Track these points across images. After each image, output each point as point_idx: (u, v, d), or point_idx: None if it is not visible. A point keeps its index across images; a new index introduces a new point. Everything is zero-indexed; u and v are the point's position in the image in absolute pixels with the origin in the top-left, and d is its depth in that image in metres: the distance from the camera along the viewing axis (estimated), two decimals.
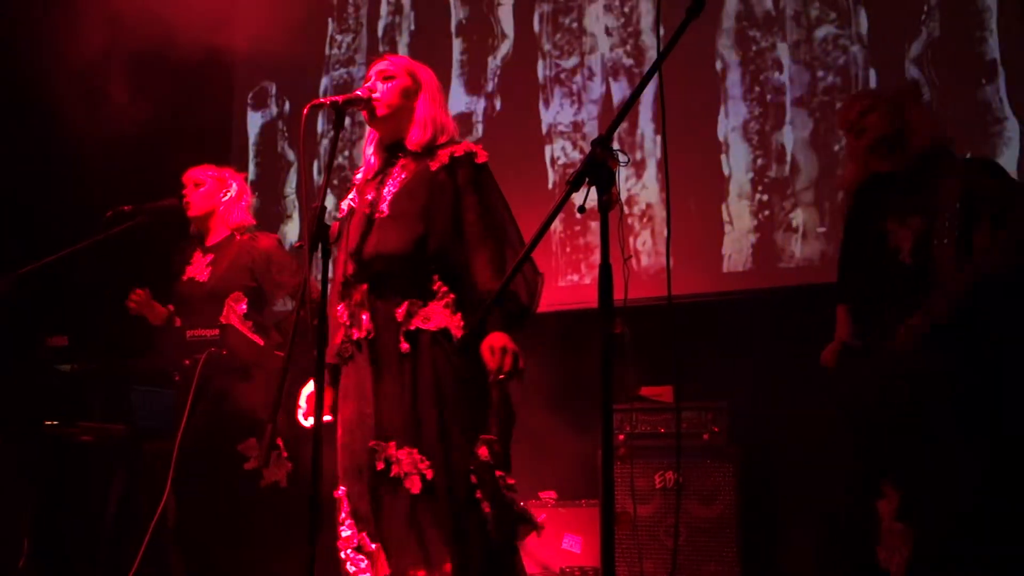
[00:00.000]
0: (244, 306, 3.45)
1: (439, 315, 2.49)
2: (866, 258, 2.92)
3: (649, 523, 3.74)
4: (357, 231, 2.58)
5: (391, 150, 2.68)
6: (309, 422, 2.61)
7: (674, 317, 2.39)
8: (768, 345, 4.01)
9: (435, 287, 2.51)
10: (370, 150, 2.71)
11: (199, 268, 3.54)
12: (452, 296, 2.51)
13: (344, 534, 2.51)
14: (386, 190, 2.59)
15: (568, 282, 4.62)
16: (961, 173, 2.77)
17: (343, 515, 2.52)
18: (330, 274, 2.53)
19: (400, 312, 2.49)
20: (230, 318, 3.39)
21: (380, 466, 2.43)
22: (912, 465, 2.64)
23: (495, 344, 2.36)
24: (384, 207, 2.55)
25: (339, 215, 2.68)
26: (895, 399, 2.70)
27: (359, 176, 2.72)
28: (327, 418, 2.60)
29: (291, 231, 5.37)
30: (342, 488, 2.53)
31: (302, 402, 2.64)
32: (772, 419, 3.97)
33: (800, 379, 3.73)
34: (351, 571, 2.49)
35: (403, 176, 2.60)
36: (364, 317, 2.51)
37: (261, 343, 3.39)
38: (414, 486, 2.39)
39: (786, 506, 3.96)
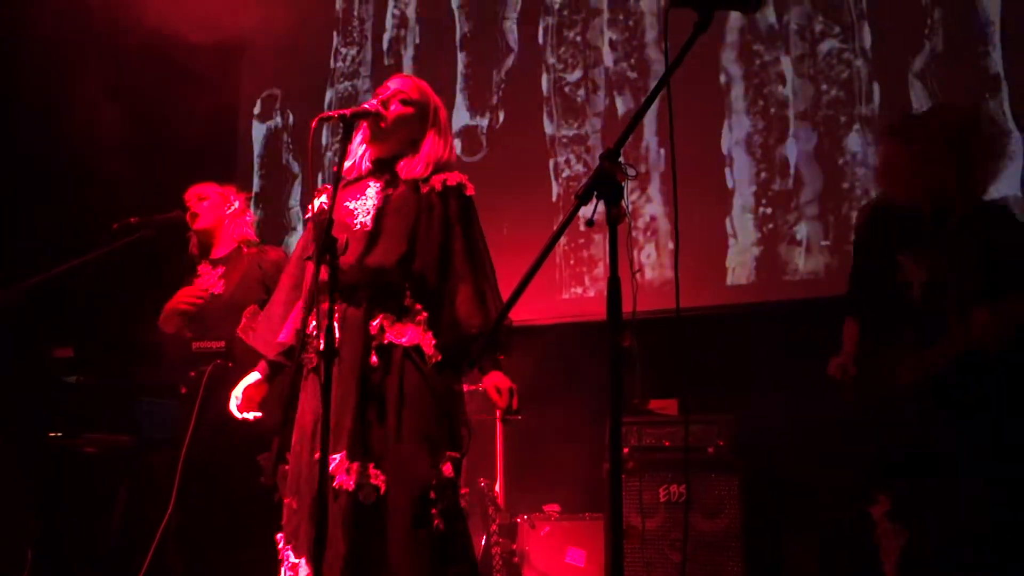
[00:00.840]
0: None
1: (412, 332, 2.51)
2: (874, 284, 2.89)
3: (654, 537, 3.72)
4: (340, 238, 2.52)
5: (382, 164, 2.68)
6: (242, 416, 2.64)
7: (682, 330, 2.39)
8: (772, 358, 4.00)
9: (407, 303, 2.53)
10: (361, 150, 2.69)
11: (211, 280, 3.55)
12: (425, 315, 2.54)
13: (280, 544, 2.51)
14: (367, 202, 2.60)
15: (571, 295, 4.63)
16: (983, 220, 2.73)
17: (283, 523, 2.52)
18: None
19: (373, 326, 2.50)
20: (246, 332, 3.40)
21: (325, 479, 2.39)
22: (909, 471, 2.70)
23: (500, 385, 2.47)
24: (368, 220, 2.56)
25: (307, 213, 2.67)
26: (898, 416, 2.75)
27: (345, 168, 2.68)
28: (256, 415, 2.64)
29: (295, 244, 5.37)
30: (287, 499, 2.52)
31: (238, 394, 2.64)
32: (777, 432, 3.96)
33: (805, 392, 3.73)
34: None
35: (389, 193, 2.61)
36: (335, 325, 2.44)
37: None
38: (368, 499, 2.38)
39: (791, 520, 3.95)
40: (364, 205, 2.60)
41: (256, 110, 5.67)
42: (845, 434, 2.92)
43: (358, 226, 2.56)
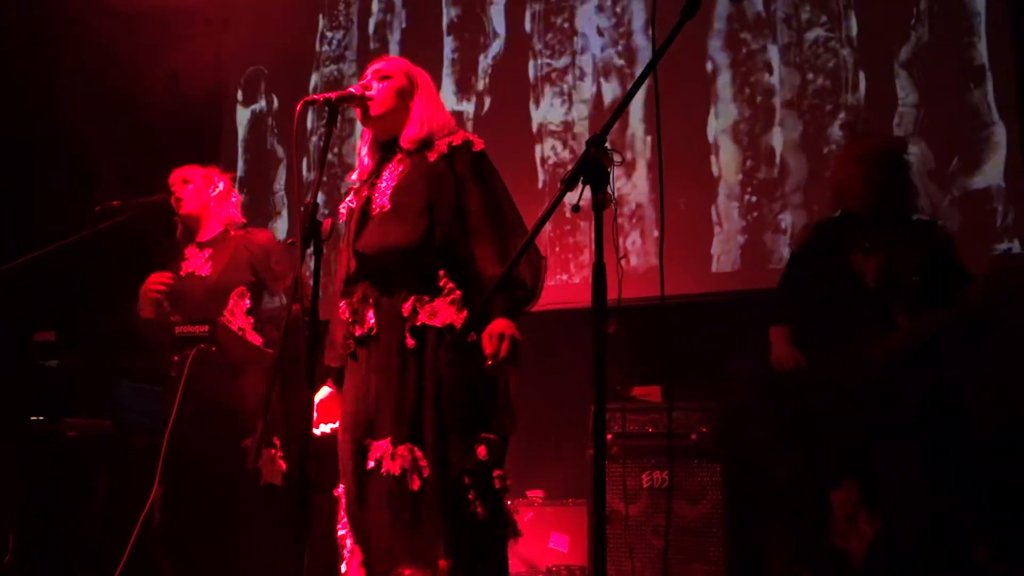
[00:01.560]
0: (248, 301, 3.45)
1: (445, 311, 2.47)
2: (828, 282, 3.20)
3: (636, 522, 3.74)
4: (359, 227, 2.56)
5: (386, 148, 2.67)
6: (320, 430, 2.60)
7: (666, 317, 2.40)
8: (755, 346, 4.02)
9: (441, 283, 2.49)
10: (364, 150, 2.71)
11: (198, 263, 3.53)
12: (458, 293, 2.49)
13: (340, 532, 2.51)
14: (384, 184, 2.57)
15: (557, 281, 4.63)
16: (918, 228, 3.19)
17: (341, 513, 2.51)
18: (332, 271, 2.50)
19: (406, 308, 2.47)
20: (235, 313, 3.39)
21: (370, 464, 2.42)
22: (878, 456, 2.86)
23: (494, 330, 2.35)
24: (385, 201, 2.54)
25: (340, 219, 2.64)
26: (862, 397, 2.98)
27: (354, 177, 2.71)
28: (333, 425, 2.59)
29: (280, 228, 5.35)
30: (341, 486, 2.52)
31: (314, 411, 2.59)
32: (760, 419, 3.98)
33: (788, 380, 3.75)
34: (342, 570, 2.49)
35: (400, 170, 2.58)
36: (368, 314, 2.49)
37: (259, 341, 3.40)
38: (413, 483, 2.36)
39: (773, 506, 3.97)
40: (379, 187, 2.58)
41: (240, 94, 5.63)
42: (790, 424, 3.04)
43: (377, 209, 2.54)
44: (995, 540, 2.89)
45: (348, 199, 2.69)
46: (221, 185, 3.67)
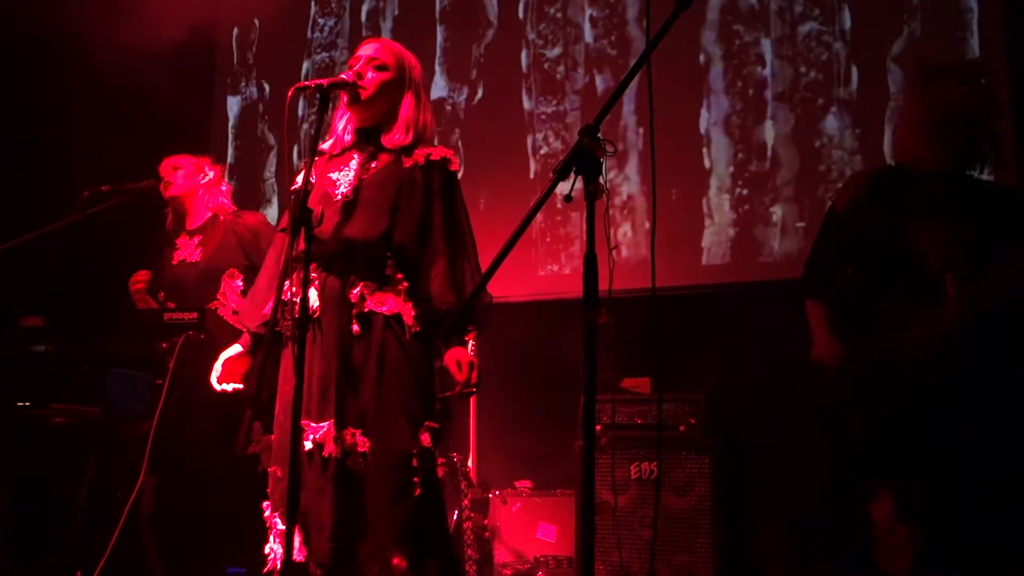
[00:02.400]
0: (240, 282, 3.46)
1: (393, 301, 2.51)
2: (881, 256, 2.69)
3: (624, 513, 3.75)
4: (317, 209, 2.51)
5: (364, 134, 2.66)
6: (221, 387, 2.65)
7: (657, 309, 2.39)
8: (745, 338, 4.03)
9: (388, 272, 2.53)
10: (341, 124, 2.68)
11: (188, 250, 3.56)
12: (406, 284, 2.54)
13: (266, 513, 2.52)
14: (350, 173, 2.58)
15: (547, 272, 4.63)
16: (995, 196, 2.69)
17: (268, 491, 2.53)
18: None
19: (354, 294, 2.49)
20: (227, 295, 3.39)
21: (307, 446, 2.43)
22: (916, 466, 2.55)
23: (461, 359, 2.44)
24: (349, 191, 2.55)
25: (293, 185, 2.63)
26: (898, 400, 2.60)
27: (326, 146, 2.69)
28: (236, 386, 2.66)
29: (271, 216, 5.33)
30: (272, 468, 2.53)
31: (218, 366, 2.65)
32: (748, 412, 4.00)
33: (777, 373, 3.76)
34: (266, 551, 2.49)
35: (372, 165, 2.59)
36: (311, 297, 2.48)
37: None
38: (356, 466, 2.40)
39: (761, 498, 3.99)
40: (346, 176, 2.58)
41: (231, 81, 5.60)
42: (826, 417, 2.78)
43: (339, 196, 2.55)
44: None
45: (304, 171, 2.60)
46: (211, 174, 3.68)
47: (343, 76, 2.55)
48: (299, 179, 2.59)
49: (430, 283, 2.53)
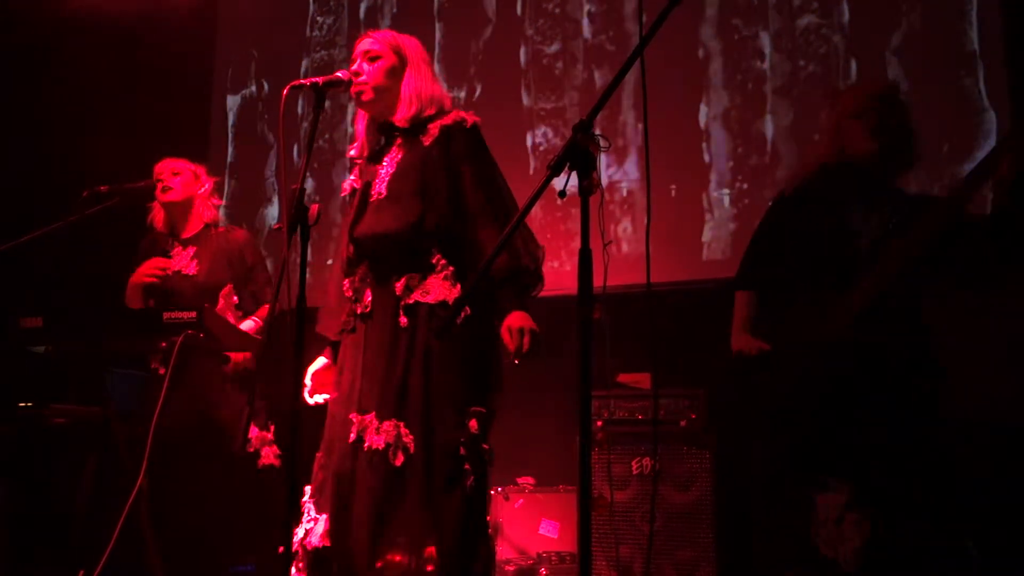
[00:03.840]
0: (236, 298, 3.52)
1: (438, 288, 2.51)
2: (817, 238, 2.82)
3: (625, 509, 3.75)
4: (358, 213, 2.61)
5: (385, 129, 2.69)
6: (314, 400, 2.65)
7: (653, 304, 2.39)
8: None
9: (434, 260, 2.53)
10: (360, 125, 2.72)
11: (183, 261, 3.61)
12: (451, 268, 2.53)
13: (304, 498, 2.53)
14: (383, 171, 2.61)
15: (547, 268, 4.61)
16: (924, 200, 2.82)
17: (313, 478, 2.54)
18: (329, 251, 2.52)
19: (399, 287, 2.51)
20: (225, 312, 3.42)
21: (352, 437, 2.44)
22: (862, 455, 2.59)
23: (513, 324, 2.39)
24: (383, 188, 2.58)
25: (343, 193, 2.73)
26: (835, 389, 2.67)
27: (353, 153, 2.74)
28: (327, 396, 2.64)
29: (271, 214, 5.33)
30: (319, 454, 2.55)
31: (307, 380, 2.66)
32: (749, 407, 3.98)
33: (757, 366, 3.75)
34: (299, 535, 2.48)
35: (399, 156, 2.61)
36: (367, 293, 2.55)
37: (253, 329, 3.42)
38: (397, 459, 2.39)
39: (762, 493, 3.98)
40: (379, 173, 2.62)
41: (230, 79, 5.59)
42: (766, 422, 2.84)
43: (375, 196, 2.59)
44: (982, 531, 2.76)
45: (351, 177, 2.73)
46: (207, 185, 3.71)
47: (339, 74, 2.56)
48: (346, 185, 2.72)
49: (482, 253, 2.49)
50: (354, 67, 2.62)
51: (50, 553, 3.39)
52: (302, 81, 2.46)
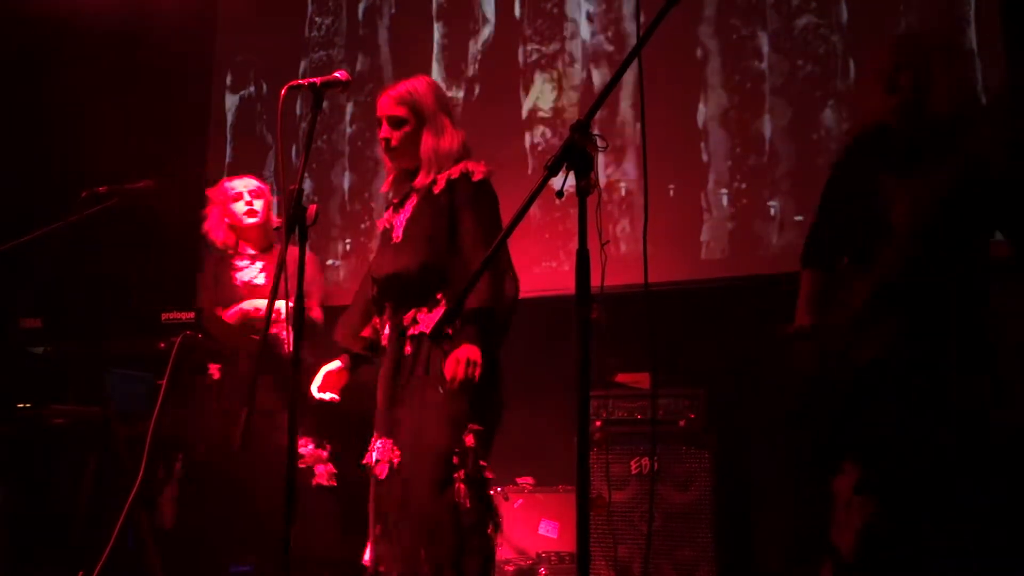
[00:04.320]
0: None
1: (437, 316, 2.69)
2: (854, 209, 2.69)
3: (625, 509, 3.75)
4: (379, 255, 2.89)
5: (406, 175, 2.92)
6: (322, 396, 2.84)
7: (651, 303, 2.39)
8: (745, 332, 4.02)
9: (438, 296, 2.75)
10: (392, 176, 2.97)
11: (253, 274, 3.74)
12: (447, 297, 2.74)
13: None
14: (402, 216, 2.85)
15: (546, 268, 4.62)
16: (977, 139, 2.56)
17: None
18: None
19: (406, 319, 2.75)
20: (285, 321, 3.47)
21: (375, 458, 2.71)
22: (872, 439, 2.54)
23: (459, 355, 2.57)
24: (400, 233, 2.83)
25: (380, 228, 2.97)
26: (850, 372, 2.58)
27: (388, 191, 3.00)
28: (333, 396, 2.85)
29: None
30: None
31: (320, 377, 2.86)
32: (748, 406, 3.99)
33: (777, 366, 3.75)
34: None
35: (415, 202, 2.85)
36: (387, 328, 2.82)
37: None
38: (381, 472, 2.62)
39: (762, 493, 3.99)
40: (399, 219, 2.86)
41: (229, 80, 5.59)
42: (800, 403, 2.74)
43: (395, 239, 2.84)
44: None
45: (385, 216, 2.95)
46: (275, 202, 3.87)
47: (337, 74, 2.57)
48: (385, 218, 2.95)
49: (457, 287, 2.68)
50: (382, 133, 2.83)
51: (50, 553, 3.39)
52: (300, 81, 2.47)
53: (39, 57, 5.08)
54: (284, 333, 3.48)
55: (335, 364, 2.89)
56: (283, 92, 2.40)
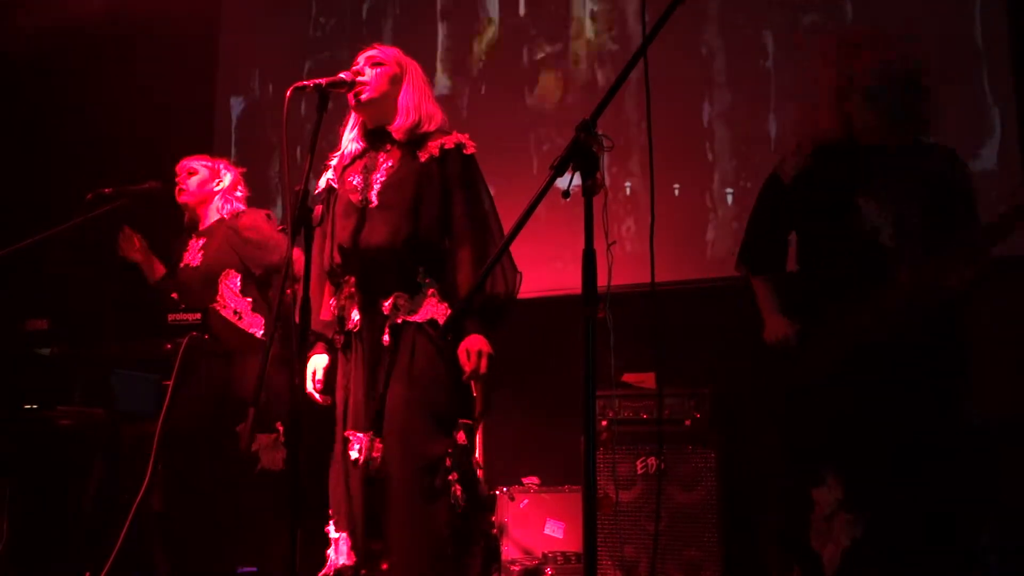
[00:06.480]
0: (237, 282, 3.49)
1: (427, 307, 2.53)
2: (826, 228, 2.61)
3: (631, 509, 3.75)
4: (344, 219, 2.59)
5: (375, 135, 2.69)
6: (327, 397, 2.68)
7: (657, 303, 2.38)
8: (751, 332, 4.01)
9: (419, 279, 2.55)
10: (352, 134, 2.72)
11: (193, 254, 3.62)
12: (437, 286, 2.56)
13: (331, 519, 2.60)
14: (374, 177, 2.60)
15: (552, 268, 4.62)
16: (939, 161, 2.61)
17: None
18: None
19: (387, 306, 2.53)
20: (225, 296, 3.42)
21: (352, 456, 2.52)
22: (866, 454, 2.49)
23: (471, 348, 2.45)
24: (373, 196, 2.57)
25: (314, 191, 2.68)
26: (852, 379, 2.54)
27: (334, 161, 2.74)
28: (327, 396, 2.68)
29: (276, 216, 5.33)
30: (331, 473, 2.62)
31: (318, 379, 2.66)
32: (754, 406, 3.98)
33: (784, 365, 3.74)
34: (329, 554, 2.54)
35: (389, 164, 2.61)
36: (353, 312, 2.57)
37: (260, 321, 3.43)
38: (375, 469, 2.49)
39: (768, 492, 3.97)
40: (370, 180, 2.61)
41: (234, 81, 5.60)
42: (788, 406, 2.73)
43: (362, 203, 2.58)
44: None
45: (328, 176, 2.71)
46: (228, 178, 3.70)
47: (342, 75, 2.57)
48: (321, 182, 2.69)
49: (457, 273, 2.55)
50: (355, 67, 2.64)
51: (56, 554, 3.40)
52: (305, 82, 2.47)
53: (44, 59, 5.09)
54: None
55: (324, 359, 2.67)
56: (288, 93, 2.40)
